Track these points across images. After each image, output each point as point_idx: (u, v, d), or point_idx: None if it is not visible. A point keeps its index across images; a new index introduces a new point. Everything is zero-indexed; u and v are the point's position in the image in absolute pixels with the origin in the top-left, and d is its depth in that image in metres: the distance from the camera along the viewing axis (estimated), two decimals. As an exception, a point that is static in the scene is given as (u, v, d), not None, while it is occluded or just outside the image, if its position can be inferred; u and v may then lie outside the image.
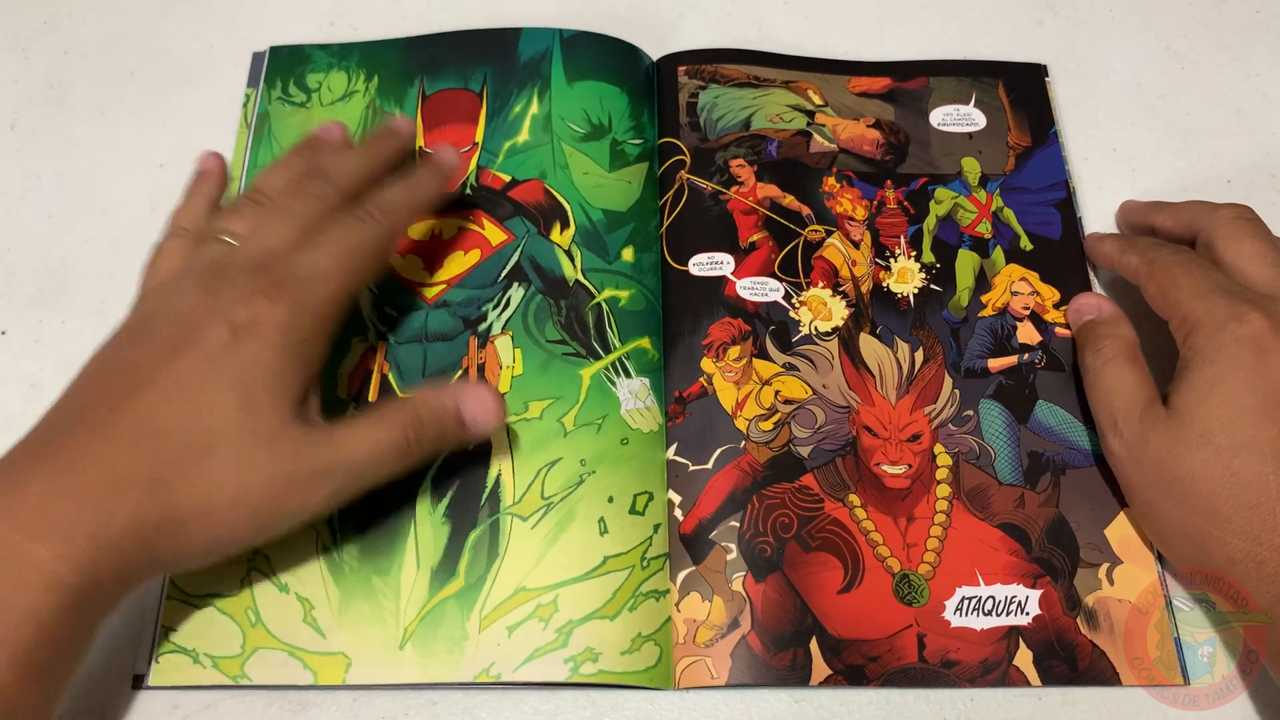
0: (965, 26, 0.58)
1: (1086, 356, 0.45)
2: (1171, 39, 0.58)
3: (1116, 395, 0.43)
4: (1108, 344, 0.44)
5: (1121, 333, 0.45)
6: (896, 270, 0.50)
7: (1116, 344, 0.44)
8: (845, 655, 0.41)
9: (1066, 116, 0.55)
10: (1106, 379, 0.43)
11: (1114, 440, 0.42)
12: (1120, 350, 0.44)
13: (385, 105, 0.53)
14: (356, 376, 0.46)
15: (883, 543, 0.44)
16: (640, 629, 0.41)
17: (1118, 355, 0.44)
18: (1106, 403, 0.43)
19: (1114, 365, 0.43)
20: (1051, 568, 0.43)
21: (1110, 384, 0.43)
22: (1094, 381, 0.44)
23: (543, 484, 0.44)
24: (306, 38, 0.56)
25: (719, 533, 0.44)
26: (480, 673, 0.40)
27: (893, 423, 0.46)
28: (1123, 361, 0.43)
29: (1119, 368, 0.43)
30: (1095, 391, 0.44)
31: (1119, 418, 0.42)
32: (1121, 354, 0.44)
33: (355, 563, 0.42)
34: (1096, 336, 0.45)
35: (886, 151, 0.53)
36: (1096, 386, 0.44)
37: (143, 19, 0.58)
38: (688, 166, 0.52)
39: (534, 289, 0.48)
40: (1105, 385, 0.43)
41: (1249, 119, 0.55)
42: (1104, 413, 0.43)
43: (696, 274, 0.49)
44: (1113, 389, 0.43)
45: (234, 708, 0.41)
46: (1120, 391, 0.43)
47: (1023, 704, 0.41)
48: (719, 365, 0.47)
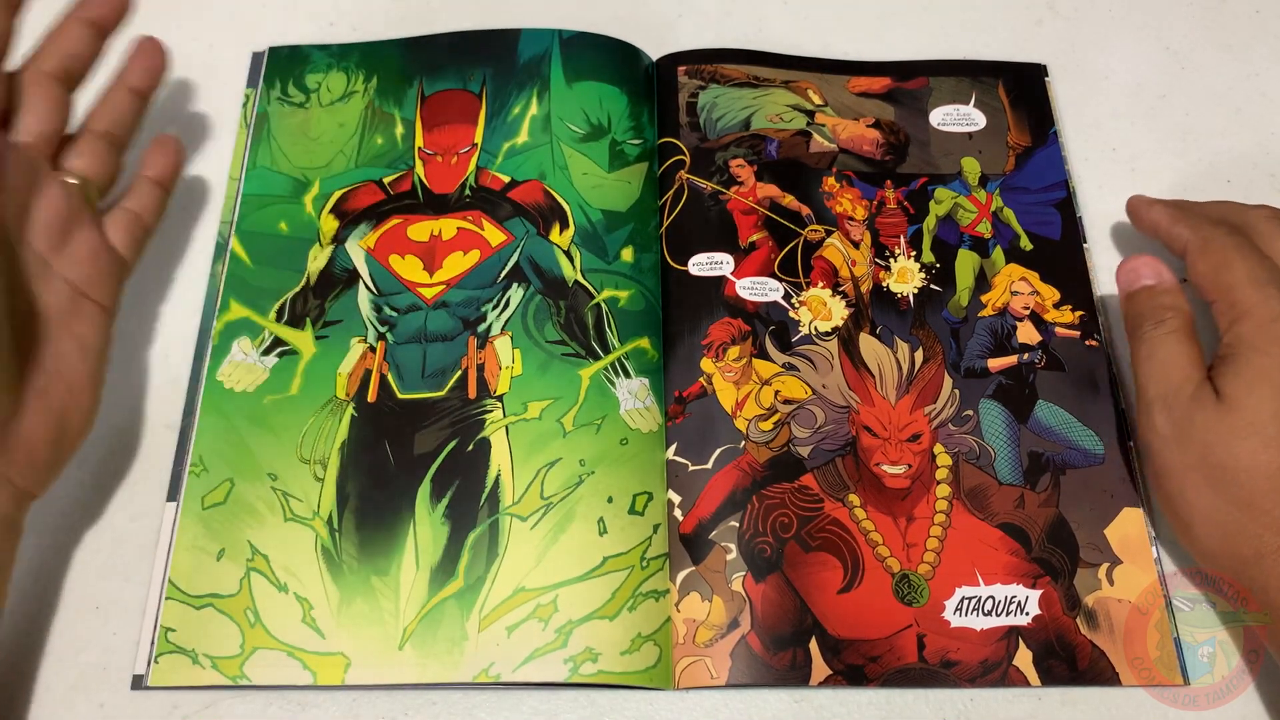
0: (965, 26, 0.58)
1: (1146, 326, 0.43)
2: (1171, 39, 0.58)
3: (1174, 370, 0.41)
4: (1171, 316, 0.42)
5: (1183, 305, 0.43)
6: (896, 270, 0.50)
7: (1180, 317, 0.42)
8: (845, 655, 0.41)
9: (1066, 116, 0.55)
10: (1165, 350, 0.42)
11: (1161, 417, 0.41)
12: (1183, 324, 0.42)
13: (384, 106, 0.53)
14: (356, 376, 0.46)
15: (882, 543, 0.44)
16: (640, 629, 0.41)
17: (1181, 329, 0.42)
18: (1161, 376, 0.41)
19: (1175, 339, 0.42)
20: (1051, 568, 0.43)
21: (1167, 356, 0.42)
22: (1151, 352, 0.42)
23: (542, 484, 0.44)
24: (306, 38, 0.56)
25: (719, 533, 0.44)
26: (480, 673, 0.40)
27: (892, 423, 0.46)
28: (1185, 335, 0.42)
29: (1180, 340, 0.42)
30: (1150, 363, 0.42)
31: (1171, 394, 0.41)
32: (1184, 328, 0.42)
33: (354, 563, 0.42)
34: (1159, 306, 0.43)
35: (886, 151, 0.53)
36: (1153, 358, 0.42)
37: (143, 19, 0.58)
38: (687, 166, 0.52)
39: (533, 289, 0.48)
40: (1163, 358, 0.42)
41: (1249, 119, 0.55)
42: (1156, 386, 0.42)
43: (696, 274, 0.49)
44: (1169, 361, 0.41)
45: (234, 708, 0.41)
46: (1177, 367, 0.41)
47: (1023, 704, 0.41)
48: (719, 365, 0.47)
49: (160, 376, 0.47)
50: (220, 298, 0.48)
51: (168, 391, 0.47)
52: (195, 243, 0.51)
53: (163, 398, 0.47)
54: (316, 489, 0.44)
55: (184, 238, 0.51)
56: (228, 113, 0.54)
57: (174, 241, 0.51)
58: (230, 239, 0.50)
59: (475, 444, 0.45)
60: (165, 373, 0.47)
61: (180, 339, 0.48)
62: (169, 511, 0.43)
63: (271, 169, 0.51)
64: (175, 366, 0.47)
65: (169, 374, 0.47)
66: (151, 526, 0.44)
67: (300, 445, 0.45)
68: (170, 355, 0.48)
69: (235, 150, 0.52)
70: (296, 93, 0.54)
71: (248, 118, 0.53)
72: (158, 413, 0.47)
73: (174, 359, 0.48)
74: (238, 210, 0.50)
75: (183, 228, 0.51)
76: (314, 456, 0.44)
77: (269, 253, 0.49)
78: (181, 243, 0.51)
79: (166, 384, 0.47)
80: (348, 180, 0.51)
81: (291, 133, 0.52)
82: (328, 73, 0.54)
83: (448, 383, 0.46)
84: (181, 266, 0.50)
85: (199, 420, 0.45)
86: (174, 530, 0.43)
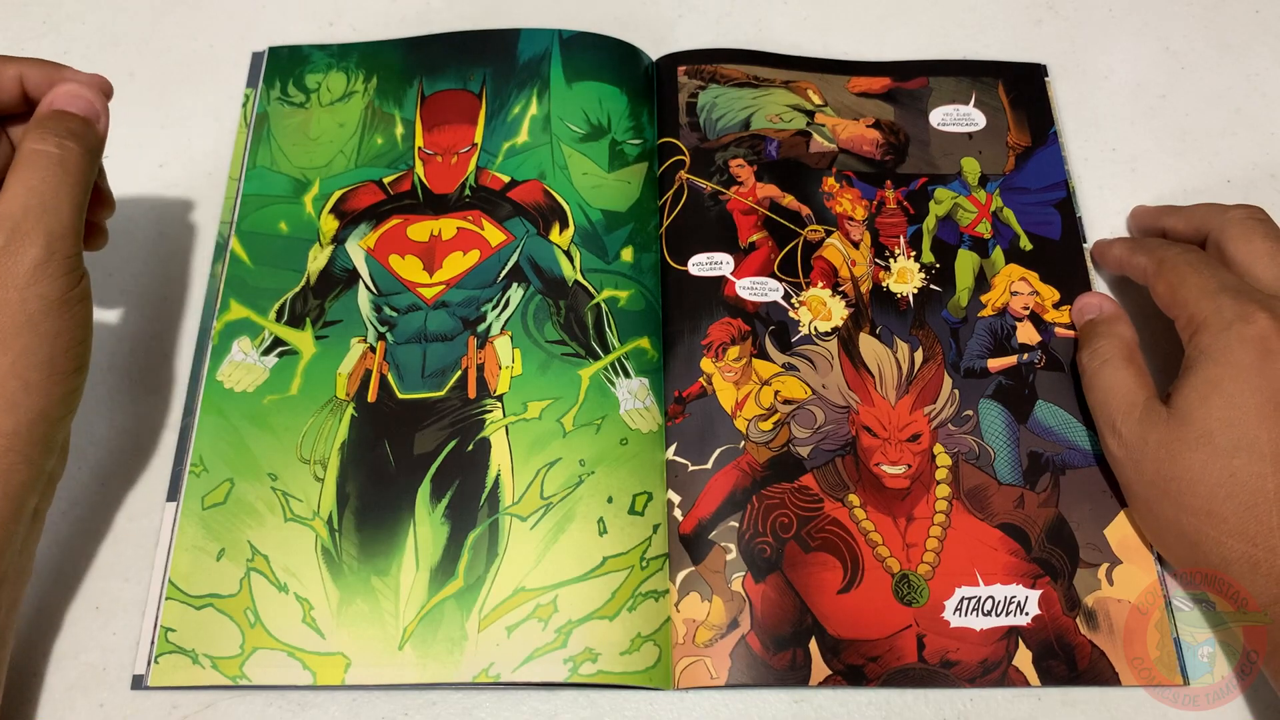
0: (965, 26, 0.58)
1: (1084, 357, 0.45)
2: (1171, 39, 0.58)
3: (1114, 395, 0.43)
4: (1104, 343, 0.44)
5: (1118, 331, 0.45)
6: (896, 270, 0.50)
7: (1113, 344, 0.44)
8: (845, 655, 0.41)
9: (1066, 116, 0.55)
10: (1104, 379, 0.43)
11: (1113, 441, 0.42)
12: (1117, 350, 0.44)
13: (384, 105, 0.53)
14: (356, 376, 0.46)
15: (882, 543, 0.44)
16: (640, 629, 0.41)
17: (1115, 355, 0.44)
18: (1104, 403, 0.43)
19: (1110, 366, 0.43)
20: (1051, 568, 0.43)
21: (1107, 384, 0.43)
22: (1091, 382, 0.44)
23: (542, 484, 0.44)
24: (306, 38, 0.56)
25: (718, 533, 0.44)
26: (480, 673, 0.40)
27: (892, 423, 0.46)
28: (1120, 361, 0.43)
29: (1115, 368, 0.43)
30: (1093, 392, 0.44)
31: (1117, 418, 0.42)
32: (1119, 354, 0.44)
33: (354, 563, 0.42)
34: (1094, 335, 0.45)
35: (886, 151, 0.53)
36: (1094, 387, 0.44)
37: (143, 19, 0.58)
38: (687, 166, 0.52)
39: (533, 289, 0.48)
40: (1102, 386, 0.43)
41: (1249, 119, 0.55)
42: (1102, 413, 0.43)
43: (696, 274, 0.49)
44: (1110, 389, 0.43)
45: (233, 708, 0.41)
46: (1117, 392, 0.43)
47: (1022, 704, 0.41)
48: (718, 365, 0.47)
49: (160, 376, 0.47)
50: (220, 298, 0.48)
51: (168, 391, 0.47)
52: (195, 243, 0.51)
53: (163, 398, 0.47)
54: (316, 489, 0.44)
55: (184, 238, 0.51)
56: (228, 113, 0.54)
57: (174, 241, 0.51)
58: (230, 239, 0.50)
59: (475, 444, 0.45)
60: (165, 373, 0.47)
61: (180, 339, 0.48)
62: (169, 511, 0.43)
63: (271, 169, 0.51)
64: (175, 367, 0.48)
65: (168, 374, 0.47)
66: (151, 526, 0.44)
67: (300, 445, 0.45)
68: (170, 355, 0.48)
69: (235, 150, 0.52)
70: (296, 93, 0.54)
71: (248, 118, 0.53)
72: (157, 413, 0.47)
73: (174, 359, 0.48)
74: (238, 210, 0.50)
75: (183, 228, 0.51)
76: (314, 456, 0.44)
77: (269, 253, 0.49)
78: (182, 243, 0.51)
79: (166, 384, 0.47)
80: (348, 180, 0.51)
81: (291, 133, 0.52)
82: (328, 73, 0.54)
83: (448, 383, 0.46)
84: (181, 266, 0.50)
85: (199, 420, 0.45)
86: (174, 530, 0.43)
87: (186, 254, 0.51)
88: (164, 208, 0.51)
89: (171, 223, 0.51)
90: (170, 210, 0.51)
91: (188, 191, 0.52)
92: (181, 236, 0.51)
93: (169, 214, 0.51)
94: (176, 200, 0.52)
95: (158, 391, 0.47)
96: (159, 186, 0.52)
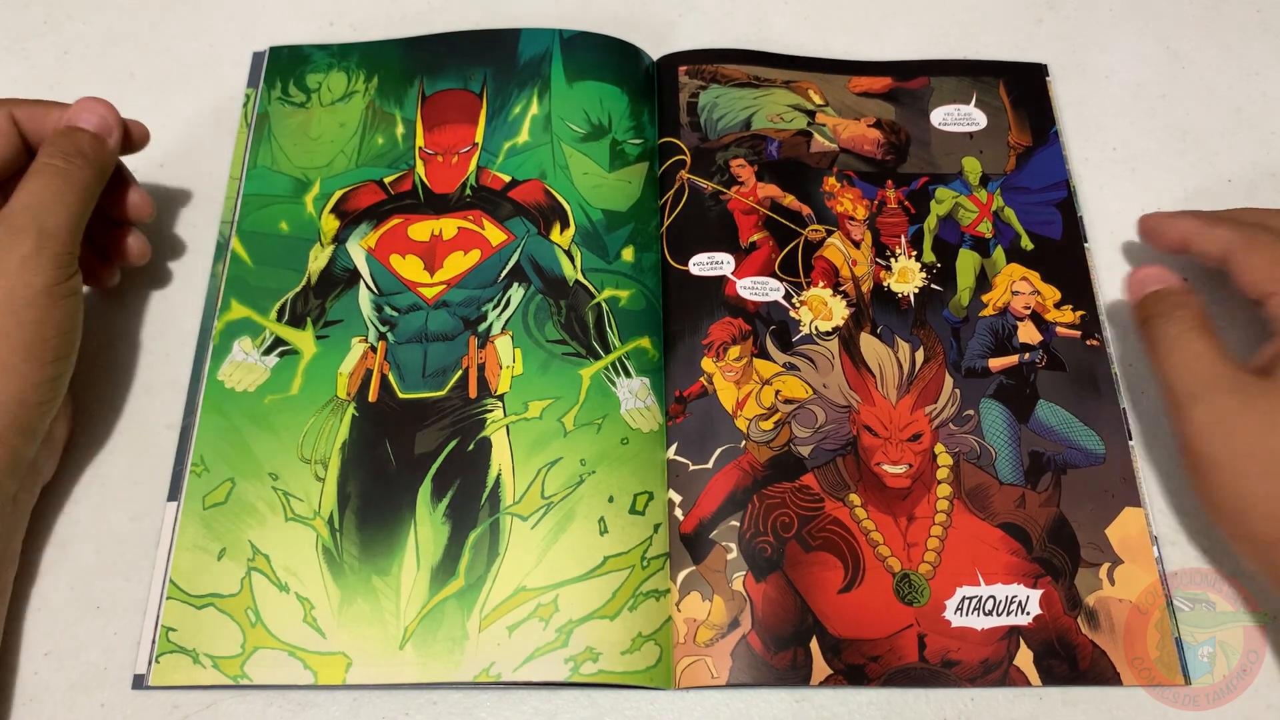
0: (965, 26, 0.58)
1: (1161, 325, 0.43)
2: (1171, 39, 0.58)
3: (1201, 363, 0.41)
4: (1185, 312, 0.43)
5: (1193, 303, 0.44)
6: (897, 270, 0.50)
7: (1193, 313, 0.43)
8: (845, 655, 0.41)
9: (1067, 116, 0.55)
10: (1186, 346, 0.42)
11: (1199, 409, 0.41)
12: (1199, 319, 0.43)
13: (385, 105, 0.53)
14: (356, 376, 0.46)
15: (883, 542, 0.44)
16: (640, 629, 0.41)
17: (1198, 324, 0.43)
18: (1188, 371, 0.42)
19: (1195, 333, 0.42)
20: (1052, 567, 0.43)
21: (1191, 351, 0.42)
22: (1170, 349, 0.43)
23: (543, 484, 0.44)
24: (306, 38, 0.56)
25: (719, 532, 0.44)
26: (480, 673, 0.40)
27: (893, 422, 0.46)
28: (1202, 330, 0.42)
29: (1200, 337, 0.42)
30: (1171, 360, 0.42)
31: (1204, 386, 0.41)
32: (1201, 323, 0.43)
33: (355, 563, 0.42)
34: (1171, 305, 0.44)
35: (887, 151, 0.53)
36: (1174, 354, 0.42)
37: (143, 19, 0.58)
38: (688, 166, 0.52)
39: (534, 289, 0.48)
40: (1185, 353, 0.42)
41: (1249, 118, 0.55)
42: (1184, 382, 0.42)
43: (697, 274, 0.49)
44: (1198, 356, 0.42)
45: (234, 708, 0.41)
46: (1206, 359, 0.41)
47: (1023, 704, 0.41)
48: (719, 365, 0.47)
49: (160, 376, 0.47)
50: (221, 297, 0.48)
51: (168, 391, 0.47)
52: (196, 243, 0.51)
53: (163, 398, 0.47)
54: (317, 489, 0.44)
55: (184, 238, 0.51)
56: (228, 113, 0.54)
57: (174, 241, 0.51)
58: (231, 239, 0.50)
59: (476, 443, 0.45)
60: (165, 373, 0.47)
61: (181, 339, 0.48)
62: (170, 511, 0.43)
63: (272, 169, 0.51)
64: (176, 366, 0.47)
65: (169, 374, 0.47)
66: (152, 526, 0.44)
67: (301, 445, 0.45)
68: (170, 355, 0.48)
69: (236, 150, 0.52)
70: (297, 92, 0.54)
71: (248, 118, 0.53)
72: (158, 413, 0.47)
73: (174, 359, 0.48)
74: (238, 210, 0.50)
75: (183, 228, 0.51)
76: (315, 456, 0.44)
77: (270, 252, 0.49)
78: (182, 243, 0.51)
79: (167, 384, 0.47)
80: (348, 180, 0.51)
81: (292, 132, 0.52)
82: (328, 72, 0.54)
83: (448, 382, 0.46)
84: (182, 266, 0.50)
85: (200, 420, 0.45)
86: (175, 530, 0.43)
87: (187, 254, 0.51)
88: (165, 207, 0.51)
89: (172, 222, 0.51)
90: (171, 210, 0.52)
91: (188, 191, 0.52)
92: (182, 236, 0.51)
93: (170, 214, 0.51)
94: (177, 200, 0.52)
95: (158, 391, 0.47)
96: (159, 186, 0.52)
